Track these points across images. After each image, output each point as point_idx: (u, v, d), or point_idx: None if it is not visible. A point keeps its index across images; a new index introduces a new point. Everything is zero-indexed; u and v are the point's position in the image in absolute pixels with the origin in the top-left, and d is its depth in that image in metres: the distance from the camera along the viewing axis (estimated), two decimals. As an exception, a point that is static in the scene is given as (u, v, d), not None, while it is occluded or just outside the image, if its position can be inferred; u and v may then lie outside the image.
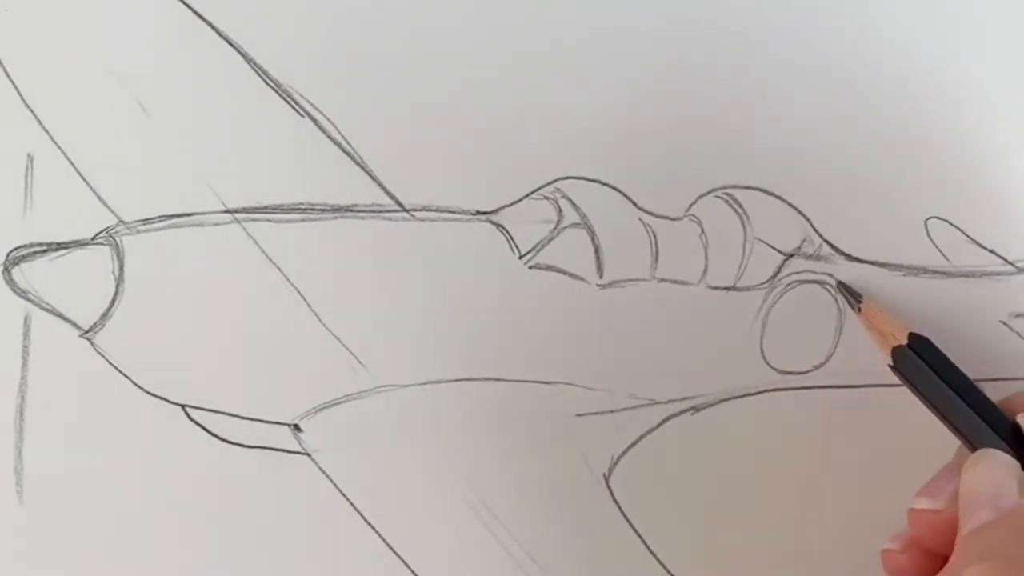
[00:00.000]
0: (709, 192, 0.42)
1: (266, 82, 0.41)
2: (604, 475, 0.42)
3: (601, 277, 0.42)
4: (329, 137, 0.41)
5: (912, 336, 0.40)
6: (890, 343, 0.40)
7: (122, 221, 0.40)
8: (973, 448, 0.37)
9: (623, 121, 0.42)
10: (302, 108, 0.41)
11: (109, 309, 0.40)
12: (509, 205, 0.42)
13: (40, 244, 0.40)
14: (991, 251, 0.43)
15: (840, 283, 0.42)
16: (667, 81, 0.42)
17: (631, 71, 0.42)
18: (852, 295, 0.42)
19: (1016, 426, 0.37)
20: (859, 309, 0.42)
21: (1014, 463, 0.36)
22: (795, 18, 0.42)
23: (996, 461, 0.36)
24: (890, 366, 0.40)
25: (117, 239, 0.40)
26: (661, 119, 0.42)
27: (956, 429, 0.39)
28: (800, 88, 0.42)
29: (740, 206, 0.42)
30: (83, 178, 0.40)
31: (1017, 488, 0.35)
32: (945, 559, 0.36)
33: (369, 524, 0.42)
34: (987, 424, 0.38)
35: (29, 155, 0.40)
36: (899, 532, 0.38)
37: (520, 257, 0.42)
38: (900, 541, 0.38)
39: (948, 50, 0.43)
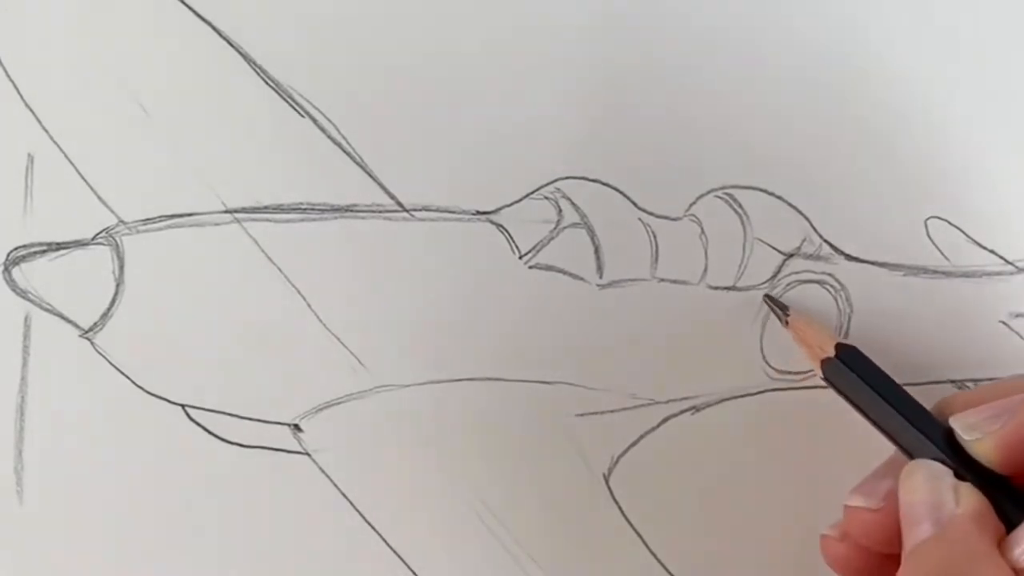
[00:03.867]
0: (709, 192, 0.42)
1: (266, 82, 0.41)
2: (604, 475, 0.42)
3: (601, 277, 0.42)
4: (329, 137, 0.41)
5: (840, 347, 0.40)
6: (818, 355, 0.40)
7: (122, 221, 0.40)
8: (910, 456, 0.37)
9: (623, 121, 0.42)
10: (302, 108, 0.41)
11: (109, 309, 0.40)
12: (509, 205, 0.42)
13: (40, 244, 0.40)
14: (991, 251, 0.43)
15: (766, 296, 0.42)
16: (668, 81, 0.42)
17: (632, 71, 0.42)
18: (779, 307, 0.42)
19: (949, 431, 0.37)
20: (786, 322, 0.42)
21: (947, 471, 0.36)
22: (795, 18, 0.42)
23: (930, 471, 0.36)
24: (821, 378, 0.40)
25: (117, 239, 0.40)
26: (661, 119, 0.42)
27: (891, 437, 0.38)
28: (800, 88, 0.42)
29: (740, 206, 0.42)
30: (83, 178, 0.40)
31: (952, 497, 0.35)
32: (879, 556, 0.37)
33: (369, 524, 0.42)
34: (920, 431, 0.37)
35: (29, 155, 0.40)
36: (838, 522, 0.38)
37: (520, 257, 0.42)
38: (838, 530, 0.38)
39: (948, 49, 0.43)
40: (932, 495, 0.35)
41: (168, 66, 0.40)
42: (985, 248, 0.43)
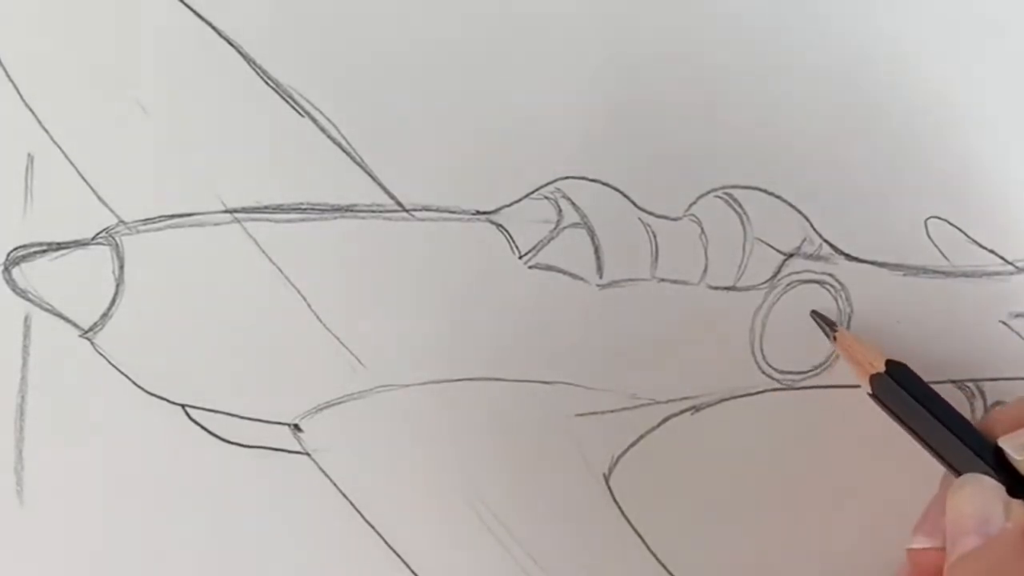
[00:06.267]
0: (709, 192, 0.42)
1: (266, 82, 0.41)
2: (604, 475, 0.42)
3: (601, 277, 0.42)
4: (329, 137, 0.41)
5: (889, 363, 0.40)
6: (867, 371, 0.40)
7: (122, 221, 0.40)
8: (957, 473, 0.37)
9: (623, 121, 0.42)
10: (302, 108, 0.41)
11: (109, 309, 0.40)
12: (509, 205, 0.42)
13: (40, 244, 0.40)
14: (991, 251, 0.43)
15: (814, 312, 0.42)
16: (668, 81, 0.42)
17: (632, 71, 0.42)
18: (826, 323, 0.42)
19: (998, 449, 0.36)
20: (834, 338, 0.41)
21: (999, 486, 0.35)
22: (796, 18, 0.42)
23: (981, 485, 0.35)
24: (869, 394, 0.40)
25: (117, 239, 0.40)
26: (661, 119, 0.42)
27: (939, 455, 0.38)
28: (800, 88, 0.42)
29: (740, 206, 0.42)
30: (83, 178, 0.40)
31: (1003, 511, 0.34)
32: None
33: (369, 524, 0.42)
34: (970, 448, 0.37)
35: (29, 155, 0.40)
36: (900, 569, 0.38)
37: (520, 257, 0.42)
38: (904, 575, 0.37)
39: (948, 50, 0.43)
40: (982, 508, 0.34)
41: (168, 66, 0.40)
42: (985, 248, 0.43)
